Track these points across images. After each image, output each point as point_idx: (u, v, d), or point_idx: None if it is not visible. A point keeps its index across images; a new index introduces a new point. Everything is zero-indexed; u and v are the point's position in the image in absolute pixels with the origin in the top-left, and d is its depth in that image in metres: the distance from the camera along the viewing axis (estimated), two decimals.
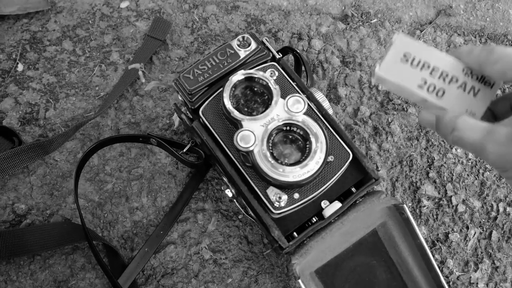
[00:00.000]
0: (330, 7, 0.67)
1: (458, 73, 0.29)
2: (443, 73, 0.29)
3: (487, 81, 0.29)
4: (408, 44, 0.29)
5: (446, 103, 0.29)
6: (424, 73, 0.29)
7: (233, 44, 0.48)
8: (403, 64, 0.29)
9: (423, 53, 0.29)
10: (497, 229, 0.57)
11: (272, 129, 0.43)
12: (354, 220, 0.46)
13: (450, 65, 0.29)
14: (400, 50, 0.29)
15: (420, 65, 0.29)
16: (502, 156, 0.25)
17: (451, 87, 0.29)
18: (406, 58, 0.29)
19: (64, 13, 0.67)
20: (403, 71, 0.29)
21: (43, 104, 0.62)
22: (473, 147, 0.26)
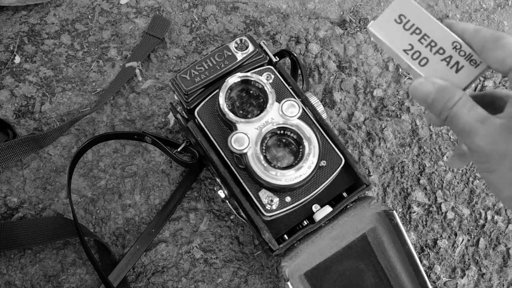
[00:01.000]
0: (329, 12, 0.67)
1: (447, 45, 0.29)
2: (432, 42, 0.29)
3: (473, 60, 0.29)
4: (407, 5, 0.29)
5: (426, 72, 0.29)
6: (413, 38, 0.29)
7: (231, 46, 0.48)
8: (395, 25, 0.30)
9: (418, 18, 0.29)
10: (485, 237, 0.58)
11: (266, 132, 0.43)
12: (344, 225, 0.46)
13: (441, 36, 0.29)
14: (397, 10, 0.30)
15: (411, 29, 0.29)
16: (491, 143, 0.25)
17: (435, 57, 0.29)
18: (400, 20, 0.30)
19: (64, 6, 0.66)
20: (394, 31, 0.30)
21: (39, 98, 0.62)
22: (464, 128, 0.26)
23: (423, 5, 0.68)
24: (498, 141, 0.24)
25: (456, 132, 0.27)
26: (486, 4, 0.68)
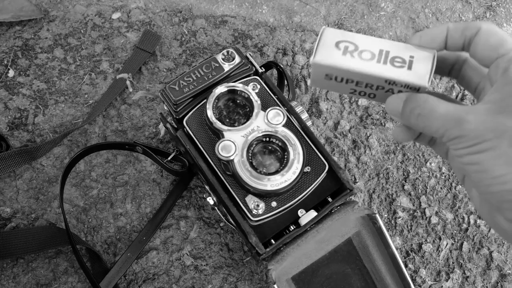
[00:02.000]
0: (314, 25, 0.70)
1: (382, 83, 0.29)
2: (368, 84, 0.30)
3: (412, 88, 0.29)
4: (324, 68, 0.29)
5: (380, 101, 0.30)
6: (350, 85, 0.30)
7: (218, 58, 0.50)
8: (328, 81, 0.30)
9: (342, 73, 0.29)
10: (468, 241, 0.60)
11: (252, 140, 0.45)
12: (329, 229, 0.48)
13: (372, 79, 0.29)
14: (320, 73, 0.30)
15: (344, 81, 0.30)
16: (483, 123, 0.25)
17: (379, 92, 0.30)
18: (329, 78, 0.30)
19: (57, 22, 0.68)
20: (331, 85, 0.30)
21: (32, 110, 0.63)
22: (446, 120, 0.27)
23: (405, 18, 0.71)
24: (489, 123, 0.25)
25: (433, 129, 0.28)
26: (466, 17, 0.71)
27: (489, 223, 0.29)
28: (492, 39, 0.27)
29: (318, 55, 0.29)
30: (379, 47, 0.30)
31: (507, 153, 0.25)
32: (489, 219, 0.29)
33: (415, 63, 0.29)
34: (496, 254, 0.59)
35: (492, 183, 0.26)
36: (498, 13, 0.71)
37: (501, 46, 0.27)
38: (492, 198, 0.27)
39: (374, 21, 0.70)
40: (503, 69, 0.26)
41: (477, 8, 0.71)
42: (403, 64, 0.29)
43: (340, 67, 0.29)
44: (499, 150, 0.25)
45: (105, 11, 0.69)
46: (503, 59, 0.26)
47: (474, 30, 0.28)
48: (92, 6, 0.70)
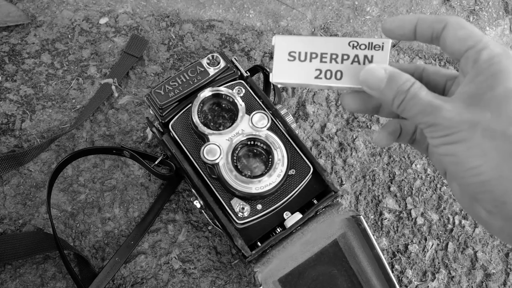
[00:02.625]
0: (301, 29, 0.70)
1: (346, 49, 0.29)
2: (332, 55, 0.30)
3: (376, 46, 0.29)
4: (288, 42, 0.30)
5: (347, 81, 0.30)
6: (315, 63, 0.30)
7: (203, 62, 0.50)
8: (292, 63, 0.30)
9: (306, 45, 0.29)
10: (453, 241, 0.60)
11: (237, 143, 0.45)
12: (314, 231, 0.48)
13: (335, 45, 0.30)
14: (284, 51, 0.30)
15: (308, 57, 0.30)
16: (459, 114, 0.26)
17: (345, 65, 0.30)
18: (292, 57, 0.30)
19: (44, 27, 0.69)
20: (295, 69, 0.30)
21: (19, 115, 0.63)
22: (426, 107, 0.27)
23: None
24: (464, 113, 0.26)
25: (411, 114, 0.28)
26: None
27: (470, 214, 0.29)
28: (460, 32, 0.27)
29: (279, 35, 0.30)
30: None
31: (480, 144, 0.25)
32: (470, 210, 0.29)
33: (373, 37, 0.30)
34: (481, 254, 0.60)
35: (467, 175, 0.26)
36: (481, 17, 0.72)
37: (469, 38, 0.27)
38: (469, 190, 0.27)
39: (359, 25, 0.71)
40: (473, 60, 0.26)
41: (460, 12, 0.72)
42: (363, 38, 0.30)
43: (302, 37, 0.30)
44: (472, 141, 0.25)
45: (92, 16, 0.70)
46: (472, 51, 0.27)
47: (442, 23, 0.28)
48: (80, 11, 0.70)
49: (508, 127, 0.25)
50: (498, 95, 0.25)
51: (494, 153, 0.25)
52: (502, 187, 0.25)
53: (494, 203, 0.26)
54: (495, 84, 0.25)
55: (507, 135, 0.25)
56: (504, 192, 0.25)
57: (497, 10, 0.73)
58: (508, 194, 0.25)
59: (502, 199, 0.25)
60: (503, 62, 0.25)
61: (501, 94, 0.25)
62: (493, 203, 0.26)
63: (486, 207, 0.27)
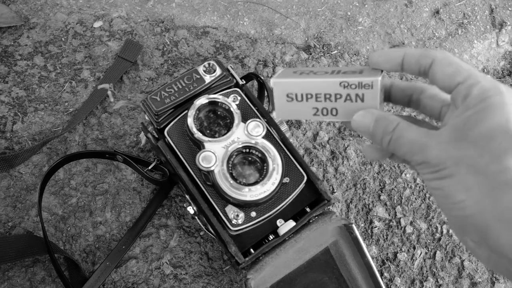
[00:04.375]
0: (294, 38, 0.71)
1: (338, 89, 0.31)
2: (326, 95, 0.32)
3: (366, 85, 0.31)
4: (284, 85, 0.32)
5: (343, 117, 0.32)
6: (311, 103, 0.32)
7: (199, 69, 0.51)
8: (291, 103, 0.32)
9: (300, 88, 0.32)
10: (441, 250, 0.62)
11: (232, 151, 0.46)
12: (307, 238, 0.49)
13: (327, 86, 0.31)
14: (282, 93, 0.32)
15: (304, 98, 0.32)
16: (445, 151, 0.27)
17: (339, 103, 0.32)
18: (290, 98, 0.32)
19: (37, 29, 0.68)
20: (294, 108, 0.32)
21: (11, 117, 0.63)
22: (412, 146, 0.28)
23: (381, 33, 0.73)
24: (450, 150, 0.26)
25: (401, 153, 0.29)
26: (439, 33, 0.74)
27: (461, 241, 0.30)
28: (448, 69, 0.28)
29: (277, 76, 0.33)
30: (332, 69, 0.33)
31: (464, 180, 0.26)
32: (460, 238, 0.30)
33: (365, 71, 0.32)
34: (468, 263, 0.61)
35: (453, 208, 0.27)
36: (469, 30, 0.74)
37: (458, 74, 0.28)
38: (455, 222, 0.28)
39: (352, 35, 0.72)
40: (463, 95, 0.27)
41: (449, 25, 0.74)
42: (354, 72, 0.32)
43: (297, 81, 0.32)
44: (458, 176, 0.26)
45: (86, 19, 0.70)
46: (463, 86, 0.27)
47: (429, 59, 0.29)
48: (74, 14, 0.70)
49: (490, 164, 0.25)
50: (483, 132, 0.26)
51: (476, 188, 0.26)
52: (484, 221, 0.26)
53: (479, 236, 0.26)
54: (481, 120, 0.26)
55: (489, 172, 0.25)
56: (486, 226, 0.26)
57: (485, 24, 0.75)
58: (490, 228, 0.25)
59: (485, 233, 0.26)
60: (493, 98, 0.26)
61: (485, 131, 0.26)
62: (477, 235, 0.27)
63: (473, 238, 0.27)
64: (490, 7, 0.76)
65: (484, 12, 0.76)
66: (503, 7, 0.76)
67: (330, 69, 0.33)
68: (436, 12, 0.75)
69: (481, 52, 0.74)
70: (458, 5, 0.75)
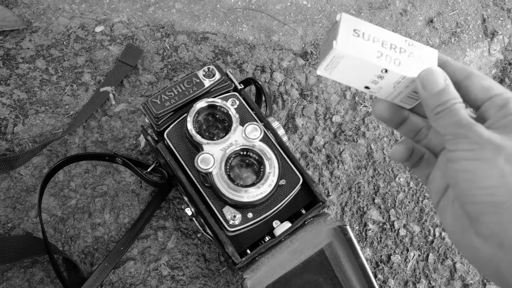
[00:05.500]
0: (292, 44, 0.73)
1: (403, 44, 0.32)
2: (392, 45, 0.31)
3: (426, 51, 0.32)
4: (353, 21, 0.31)
5: (405, 71, 0.31)
6: (377, 46, 0.31)
7: (199, 74, 0.52)
8: (356, 38, 0.30)
9: (370, 29, 0.31)
10: (434, 252, 0.63)
11: (230, 153, 0.47)
12: (302, 239, 0.50)
13: (394, 38, 0.32)
14: (350, 26, 0.31)
15: (371, 39, 0.31)
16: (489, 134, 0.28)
17: (402, 56, 0.31)
18: (357, 34, 0.30)
19: (40, 33, 0.69)
20: (359, 44, 0.30)
21: (12, 119, 0.64)
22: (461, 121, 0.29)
23: None
24: (494, 136, 0.27)
25: (446, 123, 0.29)
26: (432, 41, 0.75)
27: (459, 243, 0.30)
28: (484, 82, 0.30)
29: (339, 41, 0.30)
30: None
31: (501, 167, 0.27)
32: (460, 237, 0.30)
33: None
34: (460, 265, 0.63)
35: (479, 193, 0.27)
36: (462, 39, 0.76)
37: (494, 88, 0.30)
38: (473, 209, 0.28)
39: None
40: (499, 106, 0.29)
41: (443, 33, 0.76)
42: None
43: (366, 23, 0.31)
44: (494, 163, 0.27)
45: (88, 24, 0.71)
46: (498, 97, 0.29)
47: (465, 72, 0.31)
48: (76, 19, 0.71)
49: None
50: None
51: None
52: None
53: (496, 227, 0.27)
54: None
55: None
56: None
57: (477, 33, 0.77)
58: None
59: (507, 224, 0.26)
60: None
61: None
62: (495, 226, 0.27)
63: (483, 231, 0.27)
64: (482, 17, 0.78)
65: (477, 21, 0.78)
66: (495, 17, 0.78)
67: None
68: (430, 21, 0.77)
69: (473, 60, 0.75)
70: (452, 15, 0.77)
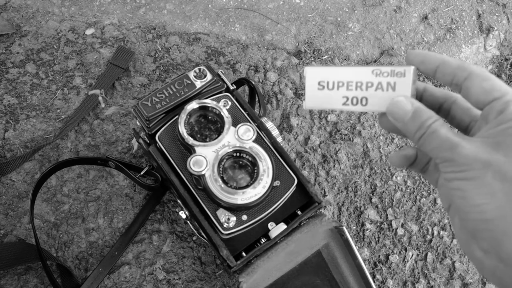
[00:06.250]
0: (285, 43, 0.72)
1: (370, 77, 0.32)
2: (357, 83, 0.32)
3: (398, 73, 0.31)
4: (317, 73, 0.33)
5: (372, 107, 0.32)
6: (342, 91, 0.32)
7: (190, 75, 0.51)
8: (321, 91, 0.33)
9: (333, 75, 0.32)
10: (432, 251, 0.62)
11: (223, 155, 0.46)
12: (298, 241, 0.49)
13: (359, 73, 0.32)
14: (314, 81, 0.33)
15: (335, 86, 0.32)
16: (475, 153, 0.27)
17: (369, 92, 0.32)
18: (321, 86, 0.33)
19: (29, 37, 0.68)
20: (324, 97, 0.33)
21: (3, 125, 0.63)
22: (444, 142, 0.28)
23: (371, 38, 0.74)
24: (480, 153, 0.27)
25: (430, 148, 0.29)
26: (427, 38, 0.75)
27: (465, 252, 0.30)
28: (485, 84, 0.28)
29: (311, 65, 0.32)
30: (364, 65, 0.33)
31: (489, 184, 0.26)
32: (466, 247, 0.30)
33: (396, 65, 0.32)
34: (459, 264, 0.62)
35: (471, 210, 0.27)
36: (457, 35, 0.75)
37: (494, 90, 0.28)
38: (470, 226, 0.28)
39: (342, 40, 0.73)
40: (498, 111, 0.28)
41: (438, 30, 0.75)
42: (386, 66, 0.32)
43: (329, 68, 0.33)
44: (483, 180, 0.26)
45: (78, 27, 0.70)
46: (498, 102, 0.28)
47: (465, 72, 0.29)
48: (66, 22, 0.70)
49: None
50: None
51: (501, 194, 0.26)
52: (502, 227, 0.26)
53: (492, 242, 0.27)
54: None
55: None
56: (504, 232, 0.26)
57: (472, 29, 0.76)
58: (507, 235, 0.26)
59: (501, 239, 0.26)
60: None
61: None
62: (491, 242, 0.27)
63: (483, 245, 0.27)
64: (477, 13, 0.77)
65: (472, 17, 0.77)
66: (490, 12, 0.78)
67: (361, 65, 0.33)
68: (424, 18, 0.76)
69: (469, 57, 0.75)
70: (446, 11, 0.77)
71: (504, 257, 0.26)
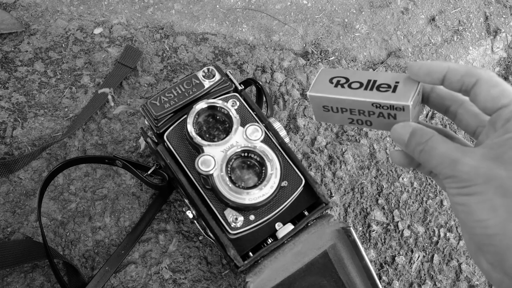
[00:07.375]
0: (293, 44, 0.72)
1: (371, 108, 0.32)
2: (360, 111, 0.33)
3: (397, 107, 0.31)
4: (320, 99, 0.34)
5: (378, 128, 0.33)
6: (347, 114, 0.34)
7: (199, 74, 0.51)
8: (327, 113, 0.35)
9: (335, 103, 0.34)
10: (438, 253, 0.62)
11: (231, 155, 0.46)
12: (305, 241, 0.49)
13: (360, 104, 0.32)
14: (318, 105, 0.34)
15: (339, 110, 0.34)
16: (475, 168, 0.26)
17: (373, 118, 0.33)
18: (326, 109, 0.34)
19: (38, 35, 0.69)
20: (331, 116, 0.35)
21: (11, 123, 0.63)
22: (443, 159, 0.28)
23: (378, 40, 0.74)
24: (481, 168, 0.26)
25: (431, 165, 0.29)
26: (434, 39, 0.75)
27: (474, 261, 0.30)
28: (493, 90, 0.28)
29: (313, 88, 0.34)
30: (368, 78, 0.33)
31: (491, 199, 0.26)
32: (475, 258, 0.29)
33: (400, 86, 0.31)
34: (465, 266, 0.62)
35: (475, 226, 0.27)
36: (465, 37, 0.75)
37: (503, 97, 0.27)
38: (475, 240, 0.28)
39: (349, 41, 0.73)
40: (505, 119, 0.27)
41: (445, 32, 0.75)
42: (388, 89, 0.32)
43: (331, 97, 0.33)
44: (485, 195, 0.26)
45: (87, 26, 0.70)
46: (506, 110, 0.27)
47: (473, 78, 0.28)
48: (74, 21, 0.70)
49: None
50: None
51: (502, 209, 0.26)
52: (505, 243, 0.26)
53: (496, 257, 0.26)
54: None
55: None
56: (506, 248, 0.26)
57: (480, 31, 0.76)
58: (510, 251, 0.25)
59: (504, 255, 0.26)
60: None
61: None
62: (495, 256, 0.27)
63: (489, 259, 0.27)
64: (485, 15, 0.77)
65: (479, 19, 0.77)
66: (498, 14, 0.77)
67: (365, 77, 0.33)
68: (432, 19, 0.76)
69: (476, 58, 0.74)
70: (454, 12, 0.77)
71: (509, 271, 0.26)
